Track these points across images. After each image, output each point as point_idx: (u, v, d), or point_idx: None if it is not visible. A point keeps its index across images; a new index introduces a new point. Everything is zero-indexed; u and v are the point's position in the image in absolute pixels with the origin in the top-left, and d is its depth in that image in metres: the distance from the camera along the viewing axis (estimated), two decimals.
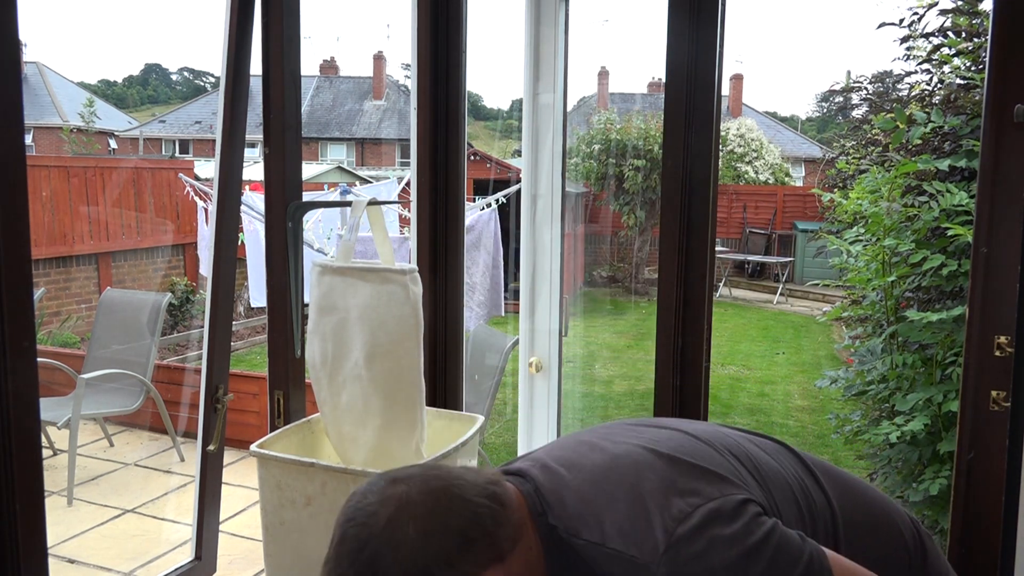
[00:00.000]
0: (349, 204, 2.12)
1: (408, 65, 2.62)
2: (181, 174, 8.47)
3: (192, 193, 7.24)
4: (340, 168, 14.77)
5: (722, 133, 9.51)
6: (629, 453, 1.08)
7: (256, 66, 2.36)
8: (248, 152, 2.56)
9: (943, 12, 3.25)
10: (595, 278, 11.85)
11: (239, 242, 2.69)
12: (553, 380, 2.77)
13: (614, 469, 1.05)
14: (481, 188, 8.05)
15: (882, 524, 1.18)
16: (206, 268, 2.66)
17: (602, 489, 1.03)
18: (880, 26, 3.29)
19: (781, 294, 11.04)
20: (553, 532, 1.02)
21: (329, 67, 27.27)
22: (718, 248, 7.20)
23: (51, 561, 1.76)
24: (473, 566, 0.93)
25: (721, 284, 11.29)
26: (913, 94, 3.57)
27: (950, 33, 3.23)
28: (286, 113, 2.34)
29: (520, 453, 2.98)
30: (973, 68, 3.06)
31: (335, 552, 0.96)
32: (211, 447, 2.43)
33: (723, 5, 2.09)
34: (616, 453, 1.08)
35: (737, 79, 24.01)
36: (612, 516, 0.99)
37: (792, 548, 0.98)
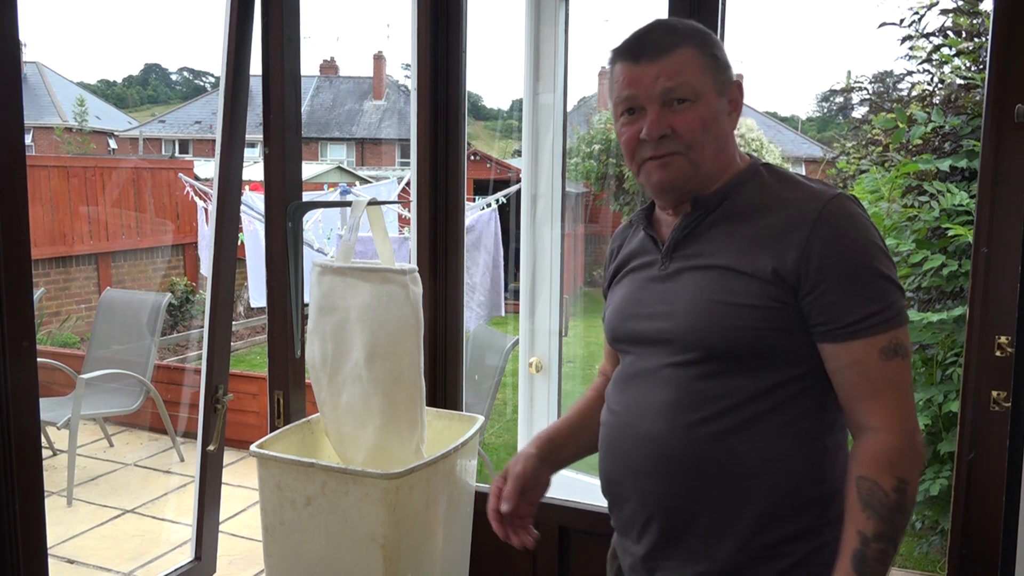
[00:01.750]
0: (349, 204, 2.12)
1: (408, 65, 2.62)
2: (181, 174, 8.47)
3: (192, 193, 7.24)
4: (340, 168, 14.79)
5: None
6: None
7: (256, 66, 2.37)
8: (248, 152, 2.56)
9: (944, 12, 3.25)
10: (595, 278, 11.84)
11: (239, 242, 2.69)
12: (553, 380, 2.77)
13: None
14: (481, 188, 8.05)
15: None
16: (206, 268, 2.66)
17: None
18: (881, 25, 3.29)
19: None
20: (758, 162, 1.22)
21: (329, 67, 27.27)
22: None
23: (51, 561, 1.76)
24: (734, 75, 1.21)
25: None
26: (914, 94, 3.57)
27: (950, 33, 3.23)
28: (286, 113, 2.34)
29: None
30: (973, 68, 3.06)
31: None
32: (211, 447, 2.43)
33: (723, 5, 2.09)
34: None
35: (737, 79, 23.99)
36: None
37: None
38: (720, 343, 1.11)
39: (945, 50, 3.21)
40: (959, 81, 3.14)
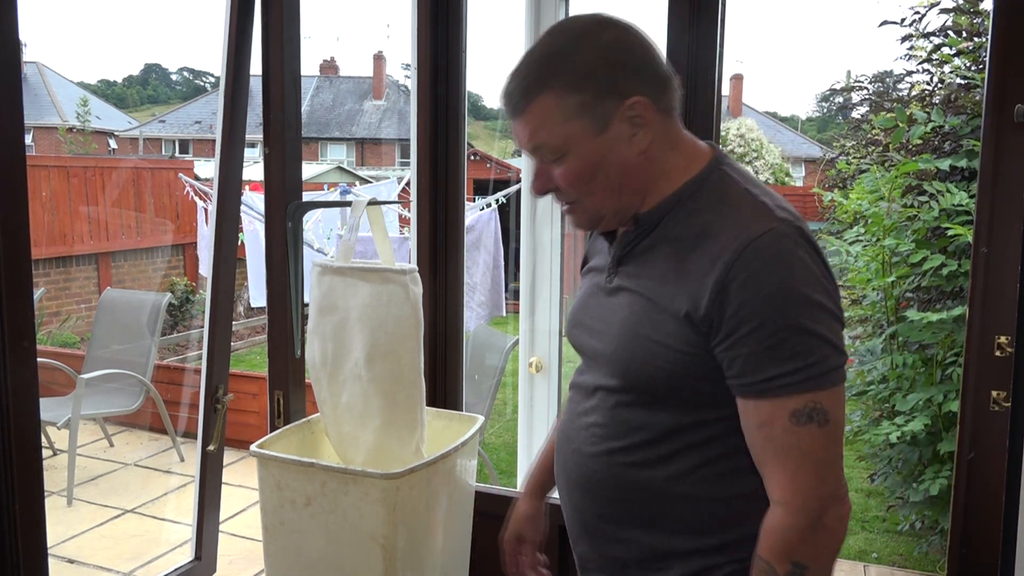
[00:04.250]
0: (349, 204, 2.12)
1: (408, 65, 2.62)
2: (181, 174, 8.47)
3: (192, 193, 7.24)
4: (340, 168, 14.79)
5: (722, 133, 9.50)
6: None
7: (256, 66, 2.37)
8: (248, 152, 2.55)
9: (944, 11, 3.25)
10: None
11: (239, 242, 2.69)
12: (553, 380, 2.77)
13: None
14: (481, 188, 8.05)
15: None
16: (206, 268, 2.66)
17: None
18: (882, 24, 3.29)
19: None
20: (716, 163, 1.11)
21: (329, 67, 27.28)
22: None
23: (51, 561, 1.76)
24: (637, 85, 1.05)
25: None
26: (913, 94, 3.57)
27: (950, 32, 3.23)
28: (286, 113, 2.34)
29: (520, 453, 2.98)
30: (973, 68, 3.06)
31: (536, 41, 1.10)
32: (211, 447, 2.43)
33: (723, 5, 2.09)
34: None
35: (737, 79, 24.03)
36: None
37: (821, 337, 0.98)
38: (641, 378, 1.06)
39: (945, 50, 3.21)
40: (959, 81, 3.14)
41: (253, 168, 7.13)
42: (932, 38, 3.31)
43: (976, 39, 3.12)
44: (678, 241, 1.06)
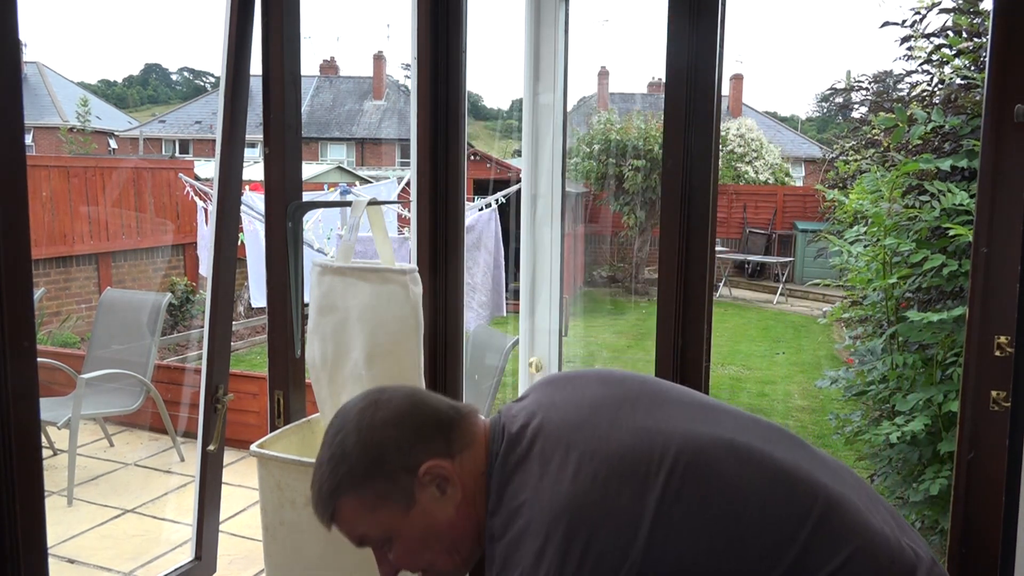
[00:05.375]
0: (349, 204, 2.13)
1: (408, 65, 2.62)
2: (181, 174, 8.47)
3: (192, 193, 7.24)
4: (340, 168, 14.78)
5: (722, 133, 9.50)
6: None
7: (256, 66, 2.36)
8: (248, 152, 2.55)
9: (944, 11, 3.25)
10: (595, 278, 11.85)
11: (239, 242, 2.69)
12: None
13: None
14: (481, 188, 8.05)
15: None
16: (206, 268, 2.66)
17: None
18: (883, 25, 3.29)
19: (781, 294, 11.04)
20: (492, 470, 1.10)
21: (329, 67, 27.27)
22: (718, 248, 7.18)
23: (51, 561, 1.76)
24: (422, 453, 1.08)
25: (721, 284, 11.29)
26: (913, 94, 3.57)
27: (950, 33, 3.23)
28: (286, 113, 2.34)
29: None
30: (973, 68, 3.06)
31: (322, 442, 1.13)
32: (211, 447, 2.43)
33: (723, 5, 2.09)
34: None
35: (737, 79, 24.01)
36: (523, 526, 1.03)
37: None
38: None
39: (945, 50, 3.20)
40: (959, 81, 3.14)
41: (253, 168, 7.12)
42: (932, 38, 3.31)
43: (976, 39, 3.12)
44: None
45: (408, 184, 4.51)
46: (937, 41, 3.26)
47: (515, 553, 1.01)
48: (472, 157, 10.71)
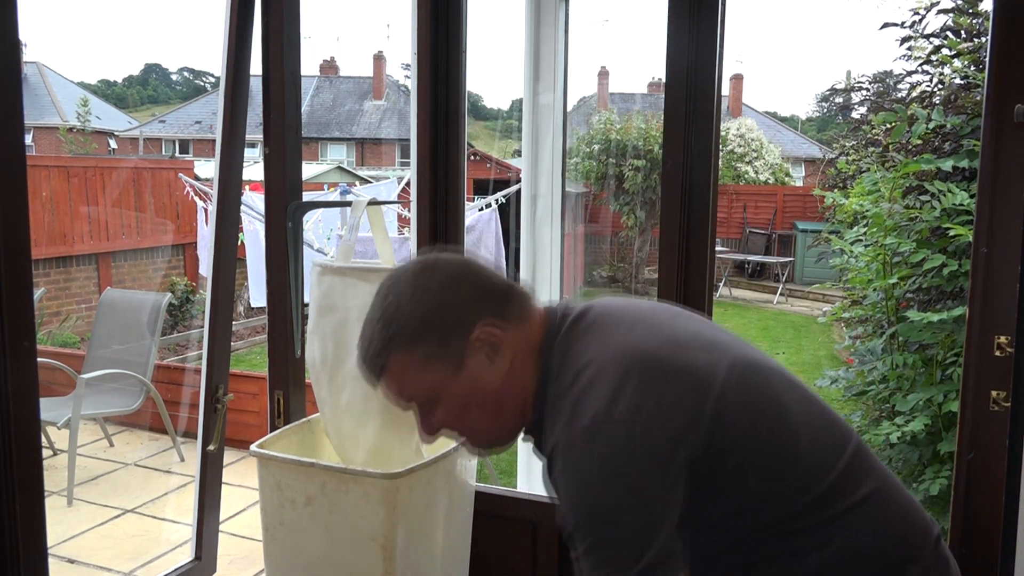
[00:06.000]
0: (349, 204, 2.13)
1: (408, 65, 2.62)
2: (181, 174, 8.47)
3: (192, 193, 7.25)
4: (340, 168, 14.78)
5: (722, 133, 9.51)
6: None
7: (256, 66, 2.36)
8: (248, 152, 2.56)
9: (943, 11, 3.25)
10: (595, 278, 11.85)
11: (239, 242, 2.69)
12: None
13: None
14: (481, 188, 8.05)
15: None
16: (206, 268, 2.66)
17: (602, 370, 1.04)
18: (883, 27, 3.29)
19: (781, 294, 11.05)
20: (554, 341, 1.11)
21: (329, 67, 27.27)
22: (718, 248, 7.18)
23: (51, 561, 1.76)
24: (476, 317, 1.07)
25: (721, 284, 11.30)
26: (913, 94, 3.57)
27: (950, 33, 3.23)
28: (286, 113, 2.34)
29: (520, 453, 2.98)
30: (973, 68, 3.06)
31: (372, 303, 1.13)
32: (211, 447, 2.43)
33: (723, 5, 2.09)
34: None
35: (737, 79, 24.01)
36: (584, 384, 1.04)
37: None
38: None
39: (945, 51, 3.20)
40: (959, 81, 3.14)
41: (253, 168, 7.13)
42: (932, 39, 3.31)
43: (976, 39, 3.12)
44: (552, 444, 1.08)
45: (408, 184, 4.51)
46: (937, 41, 3.26)
47: (586, 397, 1.01)
48: (472, 157, 10.72)
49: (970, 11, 3.18)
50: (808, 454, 1.06)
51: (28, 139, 11.09)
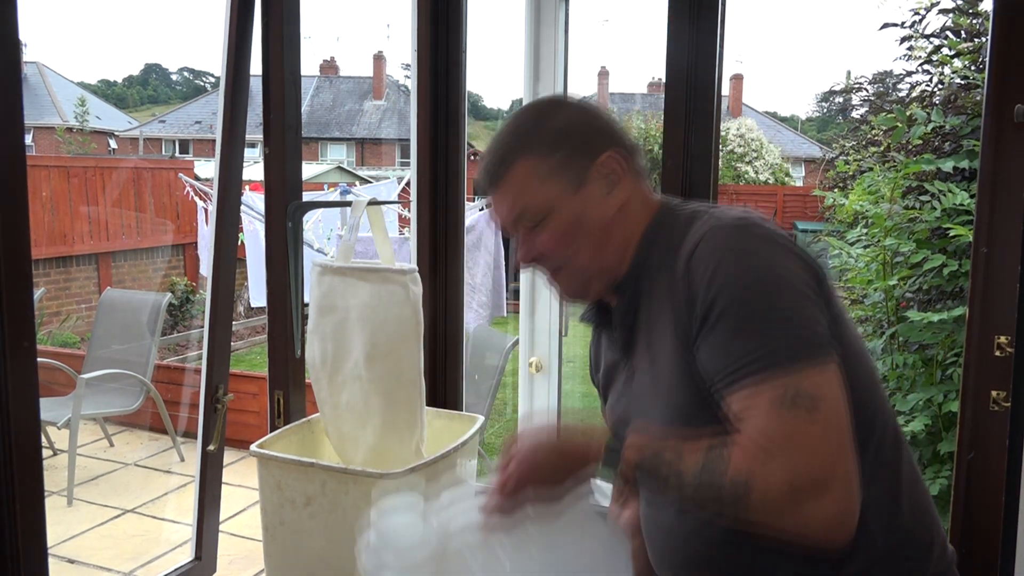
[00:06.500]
0: (349, 204, 2.13)
1: (408, 65, 2.62)
2: (181, 174, 8.47)
3: (192, 193, 7.24)
4: (340, 168, 14.80)
5: (722, 133, 9.50)
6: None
7: (256, 66, 2.36)
8: (248, 152, 2.55)
9: (943, 11, 3.25)
10: None
11: (239, 242, 2.69)
12: (553, 380, 2.77)
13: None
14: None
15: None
16: (206, 268, 2.66)
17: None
18: (883, 27, 3.29)
19: None
20: (665, 206, 1.12)
21: (329, 67, 27.28)
22: None
23: (51, 561, 1.76)
24: (605, 143, 1.09)
25: None
26: (913, 95, 3.57)
27: (950, 33, 3.23)
28: (286, 113, 2.34)
29: None
30: (973, 68, 3.06)
31: (500, 128, 1.14)
32: (211, 447, 2.43)
33: (723, 5, 2.09)
34: None
35: (737, 79, 24.03)
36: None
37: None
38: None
39: (945, 51, 3.21)
40: (959, 81, 3.14)
41: (253, 168, 7.12)
42: (932, 39, 3.31)
43: (976, 39, 3.12)
44: (659, 288, 1.05)
45: (408, 184, 4.51)
46: (937, 42, 3.27)
47: (711, 229, 0.99)
48: (472, 157, 10.71)
49: (970, 11, 3.19)
50: (867, 404, 1.01)
51: (28, 139, 11.09)
